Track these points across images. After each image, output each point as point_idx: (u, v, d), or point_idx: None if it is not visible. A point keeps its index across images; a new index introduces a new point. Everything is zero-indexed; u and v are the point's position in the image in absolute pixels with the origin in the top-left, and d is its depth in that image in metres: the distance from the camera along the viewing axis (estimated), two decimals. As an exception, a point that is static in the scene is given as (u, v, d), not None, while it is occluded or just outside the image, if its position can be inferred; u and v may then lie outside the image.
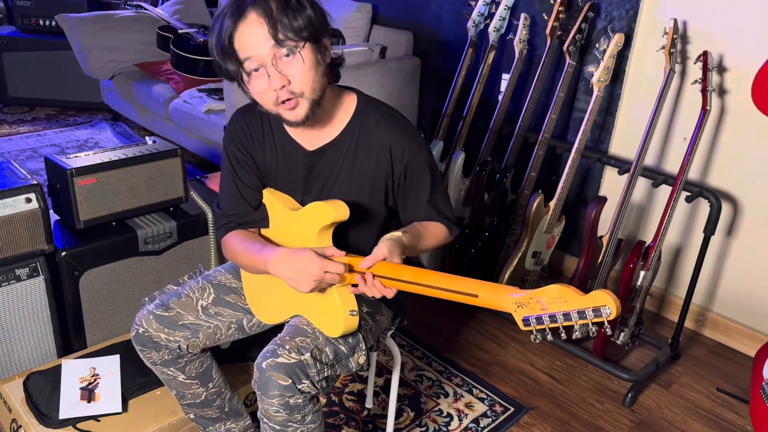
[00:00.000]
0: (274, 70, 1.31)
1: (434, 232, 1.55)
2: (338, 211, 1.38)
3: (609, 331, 1.11)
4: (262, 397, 1.40)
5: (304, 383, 1.38)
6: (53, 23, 4.36)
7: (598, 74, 2.36)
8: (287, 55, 1.31)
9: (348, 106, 1.49)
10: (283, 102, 1.34)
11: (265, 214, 1.58)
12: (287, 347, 1.40)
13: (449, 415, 2.13)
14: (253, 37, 1.30)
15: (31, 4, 4.50)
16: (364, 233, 1.56)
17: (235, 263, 1.60)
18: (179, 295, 1.59)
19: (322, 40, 1.37)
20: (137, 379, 1.89)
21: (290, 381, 1.36)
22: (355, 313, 1.40)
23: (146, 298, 1.66)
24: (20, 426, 1.77)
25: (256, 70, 1.33)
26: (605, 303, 1.10)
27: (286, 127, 1.50)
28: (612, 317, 1.09)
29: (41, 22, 4.52)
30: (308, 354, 1.40)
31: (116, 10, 4.51)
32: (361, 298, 1.40)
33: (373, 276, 1.34)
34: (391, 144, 1.47)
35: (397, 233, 1.41)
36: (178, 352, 1.59)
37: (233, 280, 1.66)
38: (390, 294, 1.34)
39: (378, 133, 1.47)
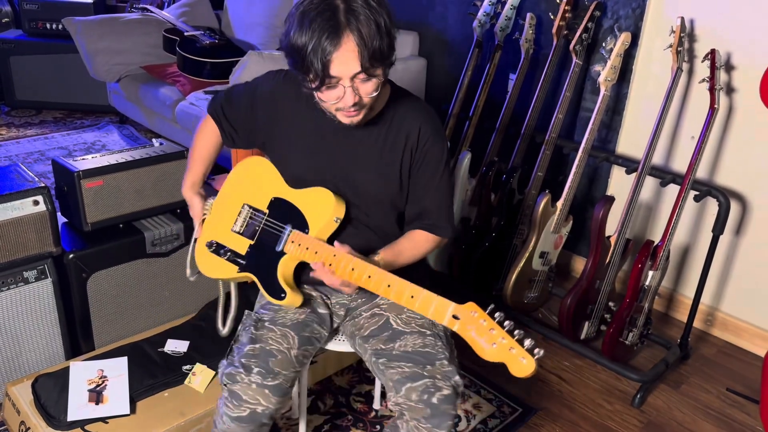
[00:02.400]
0: (351, 90, 1.36)
1: (419, 246, 1.60)
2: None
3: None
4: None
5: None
6: (60, 27, 4.37)
7: (605, 73, 2.35)
8: (366, 79, 1.35)
9: (383, 92, 1.51)
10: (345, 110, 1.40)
11: (228, 142, 1.74)
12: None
13: (457, 416, 2.12)
14: (344, 64, 1.32)
15: (38, 8, 4.51)
16: (386, 213, 1.60)
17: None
18: (272, 354, 1.48)
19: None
20: (145, 381, 1.89)
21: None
22: (338, 219, 1.53)
23: (229, 370, 1.48)
24: (29, 428, 1.78)
25: (334, 86, 1.36)
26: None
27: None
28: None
29: (48, 25, 4.54)
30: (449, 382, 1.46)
31: (122, 13, 4.52)
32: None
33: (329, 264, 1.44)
34: (420, 127, 1.52)
35: (377, 260, 1.49)
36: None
37: (296, 313, 1.60)
38: (332, 283, 1.45)
39: (410, 117, 1.53)
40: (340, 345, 1.70)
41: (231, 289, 1.75)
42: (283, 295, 1.54)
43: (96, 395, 1.83)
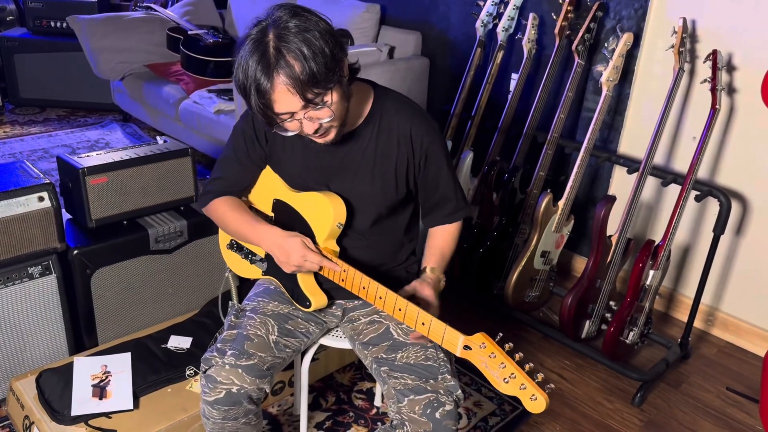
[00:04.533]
0: (306, 121, 1.35)
1: (453, 237, 1.63)
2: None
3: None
4: None
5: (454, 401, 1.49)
6: (64, 25, 4.39)
7: (607, 73, 2.36)
8: (317, 107, 1.33)
9: (365, 96, 1.51)
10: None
11: (249, 189, 1.68)
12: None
13: (458, 413, 2.13)
14: (285, 104, 1.31)
15: (42, 6, 4.53)
16: (384, 219, 1.59)
17: (220, 225, 1.67)
18: (249, 338, 1.50)
19: (343, 70, 1.36)
20: (148, 377, 1.91)
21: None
22: (341, 225, 1.52)
23: (206, 355, 1.50)
24: (33, 422, 1.79)
25: (290, 120, 1.35)
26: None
27: None
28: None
29: (52, 23, 4.56)
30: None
31: (126, 11, 4.54)
32: None
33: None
34: (411, 130, 1.51)
35: (432, 276, 1.53)
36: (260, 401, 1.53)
37: (281, 305, 1.62)
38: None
39: (398, 121, 1.51)
40: (341, 342, 1.71)
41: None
42: (308, 303, 1.57)
43: (99, 390, 1.84)
